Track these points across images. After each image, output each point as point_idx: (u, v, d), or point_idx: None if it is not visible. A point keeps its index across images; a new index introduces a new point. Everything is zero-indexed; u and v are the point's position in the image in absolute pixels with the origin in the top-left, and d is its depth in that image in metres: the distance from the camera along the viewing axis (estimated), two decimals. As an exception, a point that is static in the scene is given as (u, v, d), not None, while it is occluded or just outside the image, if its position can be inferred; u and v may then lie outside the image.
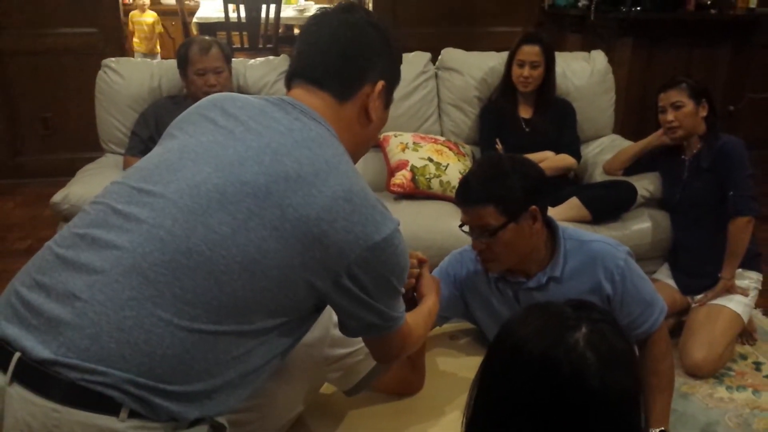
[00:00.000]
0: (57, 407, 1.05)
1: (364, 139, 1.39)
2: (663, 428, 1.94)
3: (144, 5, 6.25)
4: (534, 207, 1.81)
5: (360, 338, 1.57)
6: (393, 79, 1.39)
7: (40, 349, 1.07)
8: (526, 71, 3.17)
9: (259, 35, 5.16)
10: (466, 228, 1.86)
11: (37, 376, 1.06)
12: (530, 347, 0.98)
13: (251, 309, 1.16)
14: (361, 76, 1.33)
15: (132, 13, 6.24)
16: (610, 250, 1.92)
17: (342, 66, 1.32)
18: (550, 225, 1.94)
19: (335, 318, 1.49)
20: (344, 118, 1.32)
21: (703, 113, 2.84)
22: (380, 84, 1.34)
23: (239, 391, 1.21)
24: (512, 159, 1.88)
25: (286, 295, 1.17)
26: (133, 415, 1.07)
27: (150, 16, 6.24)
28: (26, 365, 1.07)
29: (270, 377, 1.43)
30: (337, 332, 1.49)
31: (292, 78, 1.35)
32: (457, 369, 1.87)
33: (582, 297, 1.83)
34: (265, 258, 1.14)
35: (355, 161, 1.34)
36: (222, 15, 5.10)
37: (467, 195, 1.81)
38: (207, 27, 5.32)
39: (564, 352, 0.96)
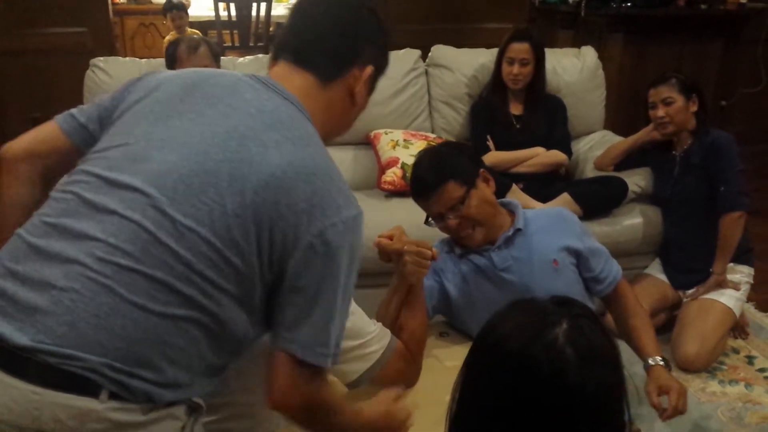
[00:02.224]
0: (37, 390, 1.06)
1: (342, 122, 1.39)
2: (661, 356, 1.98)
3: (182, 25, 4.97)
4: (482, 170, 2.01)
5: (367, 329, 1.58)
6: (381, 66, 1.38)
7: (18, 336, 1.08)
8: (515, 68, 3.16)
9: (250, 34, 5.15)
10: (432, 221, 2.00)
11: (16, 361, 1.07)
12: (510, 344, 0.97)
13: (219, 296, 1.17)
14: (351, 58, 1.32)
15: (168, 38, 4.87)
16: (568, 212, 2.22)
17: (334, 46, 1.31)
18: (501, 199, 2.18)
19: None
20: (324, 99, 1.31)
21: (694, 108, 2.84)
22: (369, 69, 1.33)
23: (217, 374, 1.23)
24: (444, 144, 2.17)
25: (251, 281, 1.17)
26: (112, 396, 1.08)
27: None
28: (4, 350, 1.08)
29: None
30: (346, 323, 1.49)
31: (278, 52, 1.34)
32: (445, 364, 1.86)
33: (556, 254, 1.97)
34: (228, 248, 1.14)
35: (328, 141, 1.32)
36: (213, 13, 5.09)
37: (427, 185, 1.95)
38: (198, 25, 5.30)
39: (543, 348, 0.95)
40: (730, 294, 2.77)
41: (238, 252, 1.14)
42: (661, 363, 1.95)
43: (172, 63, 2.93)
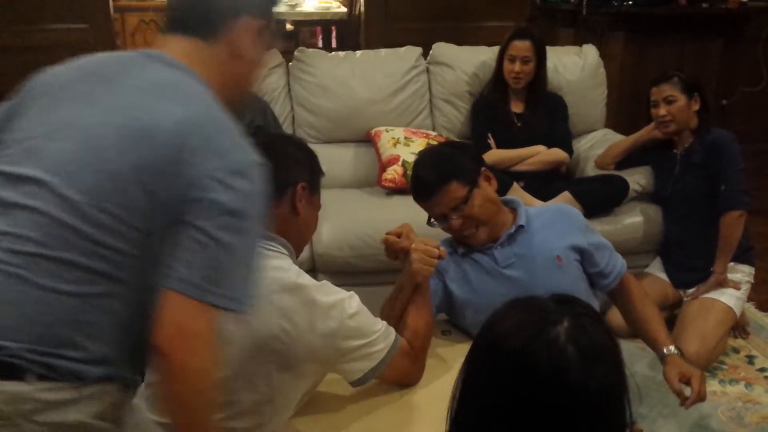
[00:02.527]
0: None
1: (239, 82, 1.40)
2: (675, 346, 1.99)
3: None
4: (484, 168, 2.00)
5: (373, 328, 1.57)
6: (266, 18, 1.39)
7: None
8: (517, 66, 3.17)
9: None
10: (434, 222, 1.98)
11: None
12: (511, 342, 0.97)
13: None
14: (226, 11, 1.33)
15: None
16: (570, 207, 2.19)
17: (205, 4, 1.34)
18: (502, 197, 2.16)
19: (350, 310, 1.51)
20: (214, 60, 1.33)
21: (696, 107, 2.84)
22: (252, 21, 1.34)
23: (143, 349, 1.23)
24: (445, 143, 2.12)
25: (156, 240, 1.19)
26: (41, 377, 1.13)
27: None
28: None
29: (285, 369, 1.46)
30: (352, 323, 1.51)
31: (165, 27, 1.37)
32: (448, 362, 1.86)
33: (560, 251, 1.95)
34: (129, 213, 1.17)
35: (230, 100, 1.34)
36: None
37: (428, 186, 1.94)
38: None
39: (544, 346, 0.94)
40: (731, 293, 2.77)
41: (138, 215, 1.17)
42: (676, 352, 1.96)
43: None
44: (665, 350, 1.96)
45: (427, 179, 1.94)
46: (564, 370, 0.93)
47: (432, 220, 1.99)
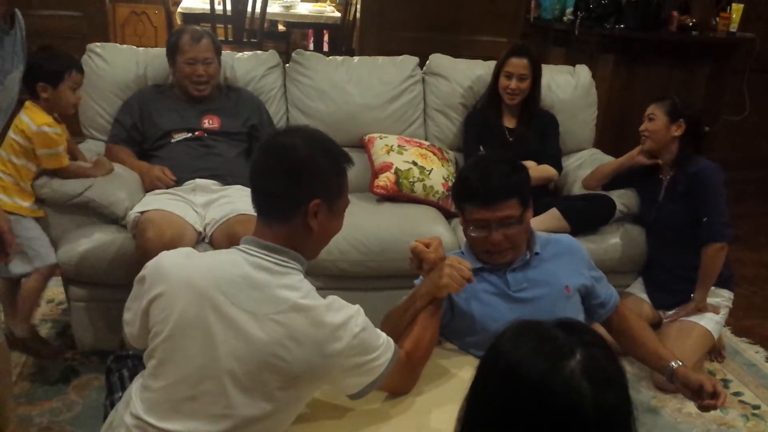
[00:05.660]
0: None
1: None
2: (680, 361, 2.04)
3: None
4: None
5: (377, 342, 1.56)
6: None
7: None
8: (513, 83, 3.20)
9: (244, 29, 5.13)
10: (474, 232, 1.93)
11: None
12: (524, 374, 0.96)
13: None
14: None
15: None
16: (576, 242, 2.17)
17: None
18: None
19: (357, 328, 1.49)
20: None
21: (677, 132, 2.88)
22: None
23: None
24: (513, 158, 2.06)
25: None
26: None
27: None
28: None
29: (286, 387, 1.46)
30: (358, 341, 1.49)
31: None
32: (442, 373, 1.87)
33: (569, 282, 1.97)
34: None
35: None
36: (207, 6, 5.06)
37: (494, 194, 1.87)
38: (191, 18, 5.26)
39: (560, 383, 0.94)
40: (710, 317, 2.82)
41: None
42: (682, 363, 2.03)
43: (173, 52, 2.92)
44: (673, 363, 2.02)
45: (494, 186, 1.87)
46: (579, 406, 0.93)
47: (471, 228, 1.94)
